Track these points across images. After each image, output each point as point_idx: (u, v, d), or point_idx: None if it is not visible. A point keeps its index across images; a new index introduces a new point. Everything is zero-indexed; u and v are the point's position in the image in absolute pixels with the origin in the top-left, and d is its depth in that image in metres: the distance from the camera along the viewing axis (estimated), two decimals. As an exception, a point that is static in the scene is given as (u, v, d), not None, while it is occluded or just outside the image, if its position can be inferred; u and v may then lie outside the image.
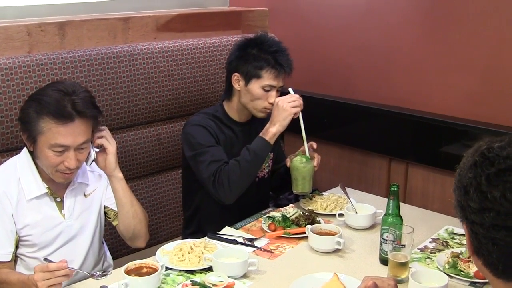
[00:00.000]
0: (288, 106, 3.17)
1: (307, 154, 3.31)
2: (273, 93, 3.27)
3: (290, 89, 3.30)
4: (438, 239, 3.02)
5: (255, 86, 3.26)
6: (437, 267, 2.68)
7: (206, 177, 3.20)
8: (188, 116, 3.67)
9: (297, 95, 3.25)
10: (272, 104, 3.26)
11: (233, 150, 3.32)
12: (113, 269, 3.01)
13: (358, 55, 4.16)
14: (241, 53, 3.33)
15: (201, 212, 3.39)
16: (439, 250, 2.89)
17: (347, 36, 4.20)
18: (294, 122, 3.23)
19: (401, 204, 2.84)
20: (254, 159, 3.17)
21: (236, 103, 3.38)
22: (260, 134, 3.21)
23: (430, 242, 2.99)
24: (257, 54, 3.27)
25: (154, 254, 2.81)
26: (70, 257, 2.84)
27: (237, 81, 3.32)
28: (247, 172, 3.19)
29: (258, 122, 3.40)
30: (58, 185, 2.85)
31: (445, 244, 2.96)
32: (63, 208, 2.87)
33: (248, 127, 3.41)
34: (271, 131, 3.18)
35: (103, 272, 2.69)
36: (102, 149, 2.90)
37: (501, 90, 3.48)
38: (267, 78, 3.25)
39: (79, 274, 2.71)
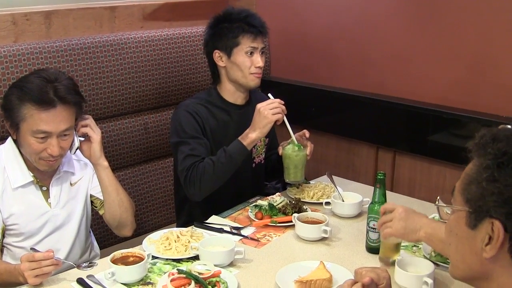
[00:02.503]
0: (269, 113, 3.13)
1: (292, 137, 3.29)
2: (257, 56, 3.29)
3: (269, 95, 3.27)
4: (424, 227, 3.02)
5: (238, 55, 3.27)
6: (424, 255, 2.68)
7: (180, 170, 3.21)
8: (175, 105, 3.65)
9: (278, 100, 3.21)
10: (260, 68, 3.29)
11: (228, 134, 3.32)
12: (100, 258, 3.01)
13: (345, 43, 4.16)
14: (213, 30, 3.36)
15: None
16: (426, 238, 2.89)
17: (335, 25, 4.19)
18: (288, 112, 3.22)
19: (388, 192, 2.85)
20: (229, 162, 3.16)
21: (227, 83, 3.38)
22: (239, 138, 3.19)
23: (416, 230, 3.00)
24: (229, 26, 3.29)
25: (141, 243, 2.81)
26: (57, 246, 2.86)
27: (220, 58, 3.33)
28: (220, 174, 3.17)
29: (255, 105, 3.40)
30: (43, 174, 2.85)
31: (431, 232, 2.96)
32: (49, 197, 2.88)
33: (245, 110, 3.40)
34: (251, 137, 3.16)
35: (89, 263, 2.68)
36: (87, 137, 2.90)
37: (488, 79, 3.48)
38: (246, 42, 3.26)
39: (65, 264, 2.70)
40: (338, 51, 4.21)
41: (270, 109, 3.14)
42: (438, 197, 1.86)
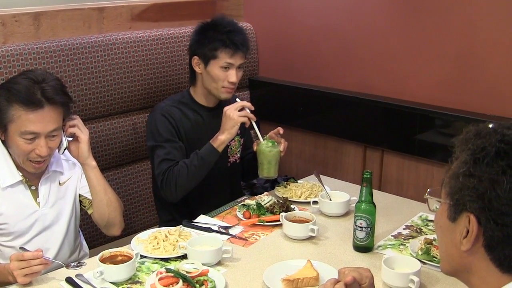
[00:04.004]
0: (235, 115, 3.20)
1: (261, 140, 3.34)
2: (233, 71, 3.33)
3: (237, 99, 3.36)
4: (412, 225, 3.05)
5: (214, 67, 3.31)
6: (410, 254, 2.70)
7: (157, 174, 3.28)
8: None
9: (244, 102, 3.29)
10: (232, 83, 3.33)
11: (201, 135, 3.37)
12: (89, 257, 3.02)
13: (333, 43, 4.17)
14: (198, 36, 3.40)
15: None
16: (413, 237, 2.91)
17: (322, 25, 4.20)
18: (268, 110, 3.24)
19: (376, 191, 2.87)
20: (201, 164, 3.22)
21: (200, 88, 3.44)
22: (210, 141, 3.25)
23: (404, 228, 3.02)
24: (212, 36, 3.32)
25: (130, 243, 2.82)
26: (46, 245, 2.86)
27: (198, 64, 3.38)
28: (194, 176, 3.24)
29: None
30: (32, 173, 2.85)
31: (418, 230, 2.99)
32: (38, 197, 2.88)
33: (216, 112, 3.44)
34: (220, 139, 3.23)
35: (78, 263, 2.69)
36: (75, 137, 2.92)
37: (473, 77, 3.51)
38: (223, 57, 3.30)
39: (54, 264, 2.71)
40: (325, 50, 4.23)
41: (235, 110, 3.21)
42: (428, 190, 1.90)
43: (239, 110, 3.22)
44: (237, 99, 3.35)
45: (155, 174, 3.32)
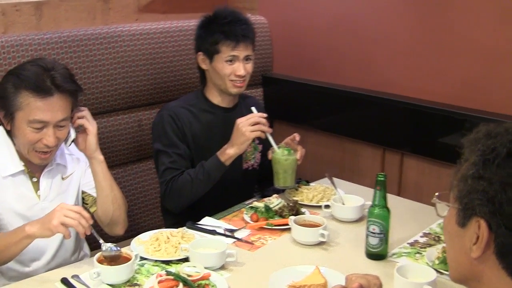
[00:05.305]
0: (247, 130, 3.18)
1: (275, 149, 3.34)
2: (239, 64, 3.34)
3: (252, 108, 3.34)
4: (430, 233, 3.03)
5: (219, 62, 3.33)
6: (426, 263, 2.68)
7: (160, 182, 3.35)
8: (170, 101, 3.67)
9: (259, 114, 3.27)
10: (240, 76, 3.34)
11: (213, 137, 3.39)
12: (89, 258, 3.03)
13: (350, 39, 4.17)
14: (200, 31, 3.42)
15: None
16: (430, 245, 2.89)
17: (340, 19, 4.21)
18: (282, 109, 3.23)
19: (394, 196, 2.84)
20: (206, 179, 3.27)
21: (212, 86, 3.45)
22: (218, 153, 3.26)
23: (421, 236, 3.00)
24: (213, 29, 3.33)
25: (131, 244, 2.84)
26: (45, 242, 2.87)
27: (203, 61, 3.40)
28: (198, 190, 3.30)
29: (244, 109, 3.47)
30: (35, 165, 2.87)
31: (437, 239, 2.97)
32: (39, 189, 2.90)
33: (231, 114, 3.45)
34: (228, 153, 3.23)
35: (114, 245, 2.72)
36: (83, 129, 2.93)
37: (502, 76, 3.48)
38: (226, 50, 3.31)
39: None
40: (343, 47, 4.22)
41: (249, 125, 3.19)
42: (436, 194, 1.92)
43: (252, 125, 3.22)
44: (253, 109, 3.33)
45: (159, 182, 3.36)
